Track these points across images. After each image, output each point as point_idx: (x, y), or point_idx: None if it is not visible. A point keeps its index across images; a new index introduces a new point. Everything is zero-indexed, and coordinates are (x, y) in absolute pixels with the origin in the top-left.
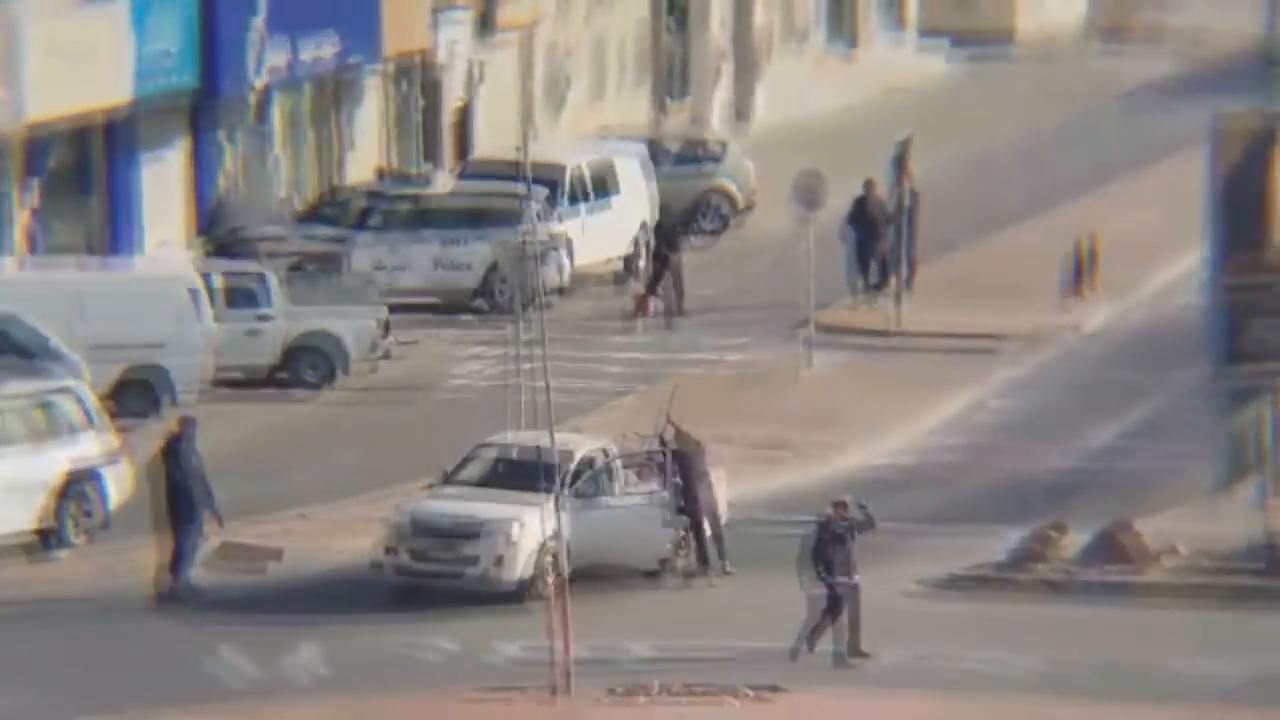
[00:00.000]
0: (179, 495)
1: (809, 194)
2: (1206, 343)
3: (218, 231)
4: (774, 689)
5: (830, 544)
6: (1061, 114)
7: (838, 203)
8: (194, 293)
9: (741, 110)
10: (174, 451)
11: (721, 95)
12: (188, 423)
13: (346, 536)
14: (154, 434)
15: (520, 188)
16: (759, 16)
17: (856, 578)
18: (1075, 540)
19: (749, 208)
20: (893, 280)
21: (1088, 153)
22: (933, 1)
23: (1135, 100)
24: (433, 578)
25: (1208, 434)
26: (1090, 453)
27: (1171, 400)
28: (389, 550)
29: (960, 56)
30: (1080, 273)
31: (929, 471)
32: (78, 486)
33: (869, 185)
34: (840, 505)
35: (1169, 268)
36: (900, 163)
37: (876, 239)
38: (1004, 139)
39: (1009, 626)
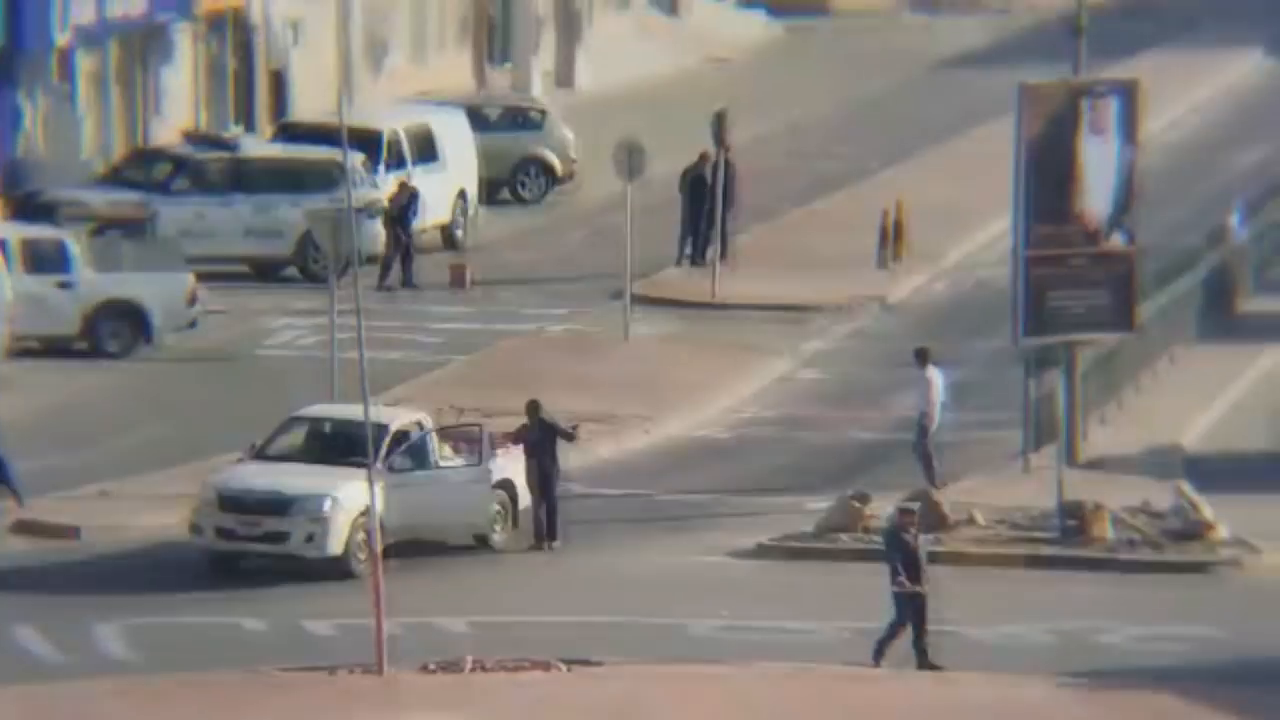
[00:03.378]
0: None
1: (628, 163)
2: (1009, 312)
3: (17, 193)
4: (587, 662)
5: (897, 551)
6: (877, 83)
7: (661, 170)
8: None
9: (563, 76)
10: None
11: (543, 60)
12: None
13: (152, 512)
14: None
15: (336, 152)
16: None
17: (925, 586)
18: (879, 509)
19: (569, 176)
20: (709, 251)
21: (903, 121)
22: None
23: (948, 69)
24: (241, 555)
25: (1010, 402)
26: (895, 422)
27: (974, 369)
28: (195, 528)
29: (778, 24)
30: (885, 243)
31: (741, 442)
32: None
33: (702, 156)
34: (906, 513)
35: (976, 236)
36: (717, 133)
37: (703, 210)
38: (822, 107)
39: (815, 595)
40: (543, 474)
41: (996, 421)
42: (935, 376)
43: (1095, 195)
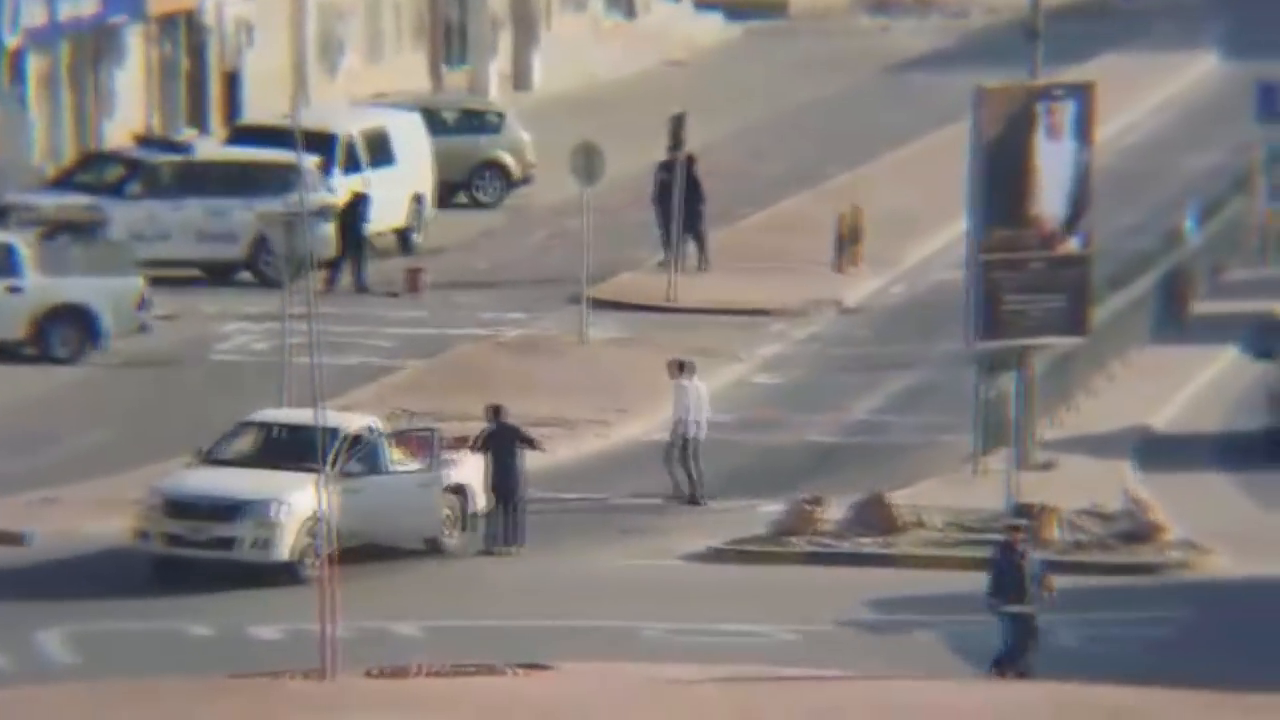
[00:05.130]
0: None
1: (586, 167)
2: (964, 315)
3: None
4: (538, 666)
5: (1002, 569)
6: (834, 85)
7: (619, 173)
8: None
9: (520, 79)
10: None
11: (500, 62)
12: None
13: (101, 517)
14: None
15: (290, 155)
16: None
17: (1032, 605)
18: (833, 512)
19: (526, 180)
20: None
21: (860, 123)
22: None
23: (905, 71)
24: (190, 560)
25: (965, 405)
26: (851, 425)
27: (930, 373)
28: (141, 533)
29: (735, 26)
30: (842, 247)
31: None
32: None
33: (690, 159)
34: (1016, 529)
35: (932, 240)
36: (675, 137)
37: (692, 211)
38: (779, 109)
39: (768, 598)
40: (505, 478)
41: (950, 425)
42: (694, 387)
43: (1051, 198)
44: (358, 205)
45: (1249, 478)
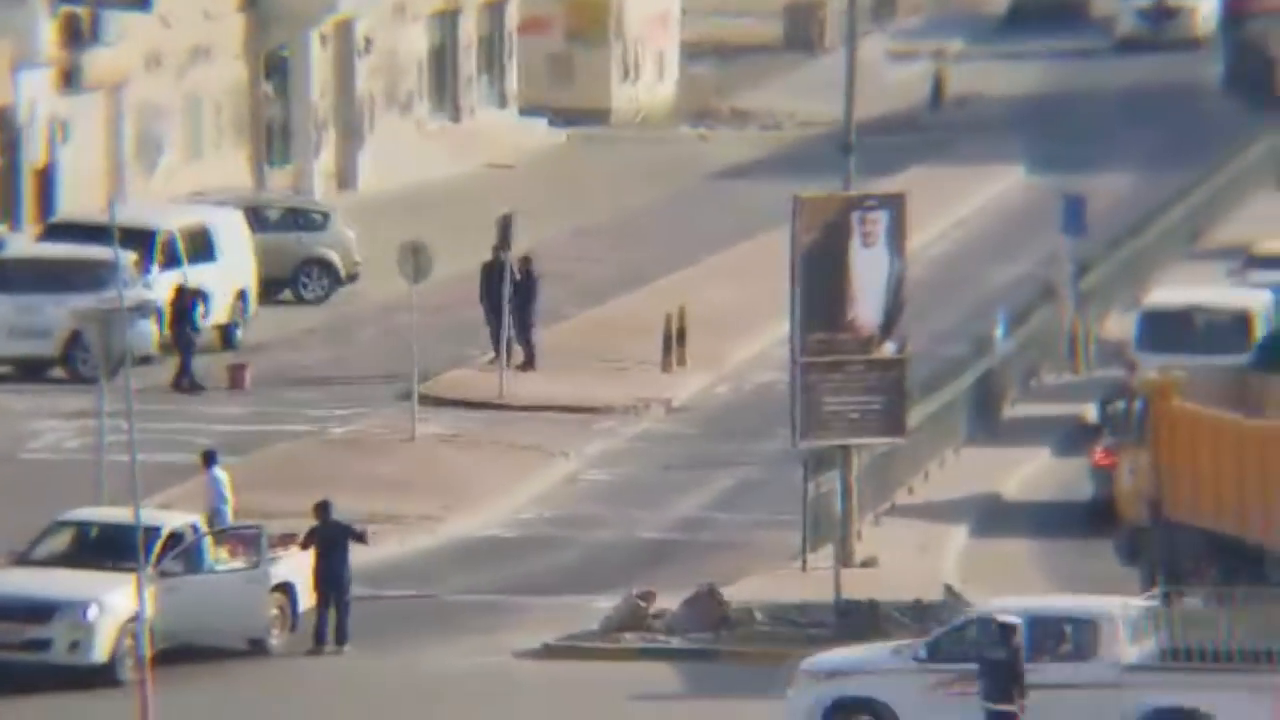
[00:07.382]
0: None
1: (414, 265)
2: (787, 415)
3: None
4: None
5: (996, 671)
6: (657, 191)
7: (445, 273)
8: None
9: (345, 178)
10: None
11: (324, 162)
12: None
13: None
14: None
15: (105, 251)
16: (360, 84)
17: (1019, 704)
18: (664, 607)
19: (353, 277)
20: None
21: (683, 228)
22: (532, 78)
23: (723, 179)
24: (3, 664)
25: (790, 503)
26: (680, 522)
27: (756, 470)
28: None
29: (559, 133)
30: (669, 347)
31: (528, 542)
32: None
33: (526, 260)
34: (1011, 629)
35: (754, 341)
36: (503, 237)
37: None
38: (603, 214)
39: (602, 694)
40: (334, 576)
41: (777, 522)
42: (220, 477)
43: (866, 304)
44: (181, 300)
45: (1071, 545)
